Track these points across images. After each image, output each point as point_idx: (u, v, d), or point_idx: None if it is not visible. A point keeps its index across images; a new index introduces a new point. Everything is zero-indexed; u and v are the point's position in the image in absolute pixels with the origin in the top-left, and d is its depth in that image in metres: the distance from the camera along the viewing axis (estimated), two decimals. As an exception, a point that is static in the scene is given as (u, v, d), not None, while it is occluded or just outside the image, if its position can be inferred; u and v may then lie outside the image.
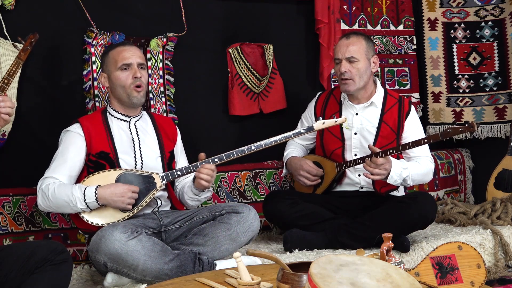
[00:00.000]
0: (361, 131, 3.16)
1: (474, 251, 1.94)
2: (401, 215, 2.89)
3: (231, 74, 3.52)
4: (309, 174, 3.17)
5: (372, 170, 2.93)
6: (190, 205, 2.81)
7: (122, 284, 2.49)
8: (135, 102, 2.70)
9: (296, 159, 3.26)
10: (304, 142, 3.39)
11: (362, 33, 3.21)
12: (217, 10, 3.53)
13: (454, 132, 2.97)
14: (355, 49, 3.07)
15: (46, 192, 2.51)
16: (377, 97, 3.18)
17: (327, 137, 3.22)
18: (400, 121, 3.14)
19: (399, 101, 3.19)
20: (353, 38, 3.11)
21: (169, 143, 2.83)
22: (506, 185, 3.72)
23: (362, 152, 3.14)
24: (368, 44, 3.13)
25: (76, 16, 3.07)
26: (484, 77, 4.06)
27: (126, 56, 2.67)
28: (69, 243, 2.88)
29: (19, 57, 2.21)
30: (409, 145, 2.97)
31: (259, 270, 2.08)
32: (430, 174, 3.15)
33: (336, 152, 3.18)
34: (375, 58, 3.15)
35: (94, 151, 2.63)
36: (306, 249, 2.93)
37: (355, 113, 3.17)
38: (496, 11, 4.02)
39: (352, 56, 3.06)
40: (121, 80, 2.66)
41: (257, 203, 3.38)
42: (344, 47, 3.09)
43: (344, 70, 3.06)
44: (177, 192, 2.86)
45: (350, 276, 1.50)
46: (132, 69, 2.67)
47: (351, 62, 3.07)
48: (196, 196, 2.74)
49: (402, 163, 3.02)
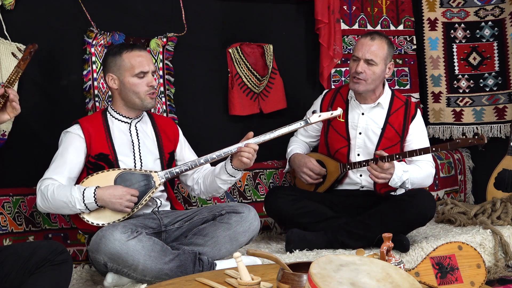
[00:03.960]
0: (366, 131, 3.15)
1: (474, 251, 1.94)
2: (400, 213, 2.89)
3: (231, 74, 3.52)
4: (312, 172, 3.17)
5: (378, 174, 2.93)
6: (222, 189, 2.80)
7: (122, 284, 2.49)
8: (149, 107, 2.71)
9: (300, 156, 3.25)
10: (308, 139, 3.38)
11: (386, 36, 3.17)
12: (217, 10, 3.52)
13: (463, 143, 2.96)
14: (376, 53, 3.05)
15: (45, 193, 2.51)
16: (384, 98, 3.17)
17: (332, 136, 3.21)
18: (406, 124, 3.14)
19: (405, 103, 3.19)
20: (377, 40, 3.07)
21: (169, 144, 2.83)
22: (506, 185, 3.72)
23: (366, 152, 3.14)
24: (389, 50, 3.11)
25: (76, 16, 3.07)
26: (484, 77, 4.06)
27: (143, 63, 2.65)
28: (69, 243, 2.88)
29: (19, 66, 2.26)
30: (416, 152, 2.96)
31: (259, 270, 2.08)
32: (430, 178, 3.15)
33: (341, 151, 3.18)
34: (391, 64, 3.15)
35: (94, 152, 2.63)
36: (306, 249, 2.93)
37: (361, 113, 3.17)
38: (496, 11, 4.02)
39: (372, 59, 3.04)
40: (137, 87, 2.65)
41: (257, 203, 3.38)
42: (366, 46, 3.05)
43: (361, 71, 3.04)
44: (199, 182, 2.84)
45: (350, 276, 1.50)
46: (148, 76, 2.66)
47: (369, 64, 3.05)
48: (231, 177, 2.73)
49: (403, 166, 3.02)
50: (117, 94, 2.71)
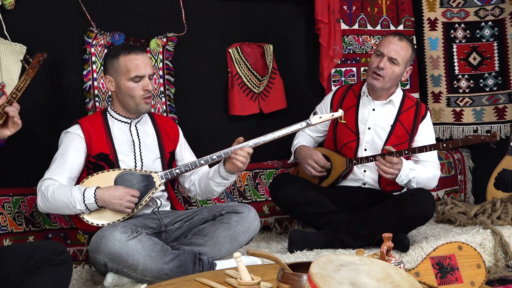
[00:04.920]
0: (375, 127, 3.17)
1: (474, 251, 1.94)
2: (400, 212, 2.89)
3: (231, 74, 3.52)
4: (317, 165, 3.18)
5: (386, 169, 2.94)
6: (216, 191, 2.80)
7: (122, 284, 2.50)
8: (143, 112, 2.71)
9: (307, 148, 3.27)
10: (315, 134, 3.39)
11: (412, 41, 3.20)
12: (217, 10, 3.52)
13: (475, 139, 2.97)
14: (401, 54, 3.08)
15: (46, 194, 2.51)
16: (396, 96, 3.20)
17: (340, 130, 3.22)
18: (415, 123, 3.16)
19: (416, 104, 3.23)
20: (405, 42, 3.10)
21: (170, 144, 2.83)
22: (506, 185, 3.72)
23: (373, 148, 3.15)
24: (412, 55, 3.15)
25: (76, 16, 3.07)
26: (484, 77, 4.06)
27: (140, 67, 2.63)
28: (69, 243, 2.88)
29: (27, 74, 2.30)
30: (426, 148, 2.98)
31: (259, 270, 2.08)
32: (435, 180, 3.16)
33: (349, 145, 3.18)
34: (409, 69, 3.18)
35: (94, 152, 2.63)
36: (306, 249, 2.93)
37: (372, 109, 3.19)
38: (496, 11, 4.02)
39: (396, 58, 3.06)
40: (132, 91, 2.64)
41: (257, 203, 3.38)
42: (393, 45, 3.08)
43: (382, 67, 3.06)
44: (195, 184, 2.84)
45: (350, 276, 1.50)
46: (144, 81, 2.64)
47: (392, 63, 3.07)
48: (225, 180, 2.73)
49: (410, 164, 3.03)
50: (115, 96, 2.71)
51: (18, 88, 2.24)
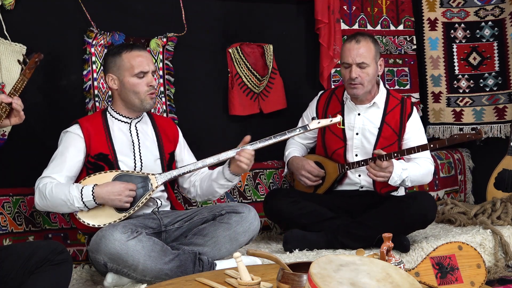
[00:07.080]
0: (363, 132, 3.15)
1: (474, 251, 1.94)
2: (400, 214, 2.89)
3: (231, 74, 3.52)
4: (311, 175, 3.17)
5: (376, 173, 2.93)
6: (218, 193, 2.80)
7: (122, 284, 2.49)
8: (148, 108, 2.71)
9: (298, 159, 3.26)
10: (305, 141, 3.38)
11: (369, 35, 3.15)
12: (217, 10, 3.52)
13: (461, 138, 2.96)
14: (365, 55, 3.03)
15: (43, 191, 2.51)
16: (380, 97, 3.17)
17: (328, 137, 3.21)
18: (402, 122, 3.14)
19: (401, 102, 3.19)
20: (362, 41, 3.05)
21: (169, 145, 2.83)
22: (506, 185, 3.72)
23: (363, 152, 3.14)
24: (376, 47, 3.10)
25: (76, 16, 3.07)
26: (484, 77, 4.06)
27: (143, 63, 2.65)
28: (69, 243, 2.88)
29: (24, 75, 2.31)
30: (414, 150, 2.96)
31: (259, 270, 2.08)
32: (430, 175, 3.15)
33: (338, 152, 3.18)
34: (381, 60, 3.14)
35: (93, 152, 2.63)
36: (306, 249, 2.93)
37: (357, 113, 3.17)
38: (496, 11, 4.02)
39: (363, 61, 3.02)
40: (137, 87, 2.64)
41: (257, 203, 3.38)
42: (354, 51, 3.03)
43: (355, 76, 3.02)
44: (196, 185, 2.84)
45: (350, 276, 1.50)
46: (148, 76, 2.66)
47: (361, 68, 3.03)
48: (228, 182, 2.73)
49: (402, 164, 3.02)
50: (117, 94, 2.70)
51: (16, 89, 2.25)
